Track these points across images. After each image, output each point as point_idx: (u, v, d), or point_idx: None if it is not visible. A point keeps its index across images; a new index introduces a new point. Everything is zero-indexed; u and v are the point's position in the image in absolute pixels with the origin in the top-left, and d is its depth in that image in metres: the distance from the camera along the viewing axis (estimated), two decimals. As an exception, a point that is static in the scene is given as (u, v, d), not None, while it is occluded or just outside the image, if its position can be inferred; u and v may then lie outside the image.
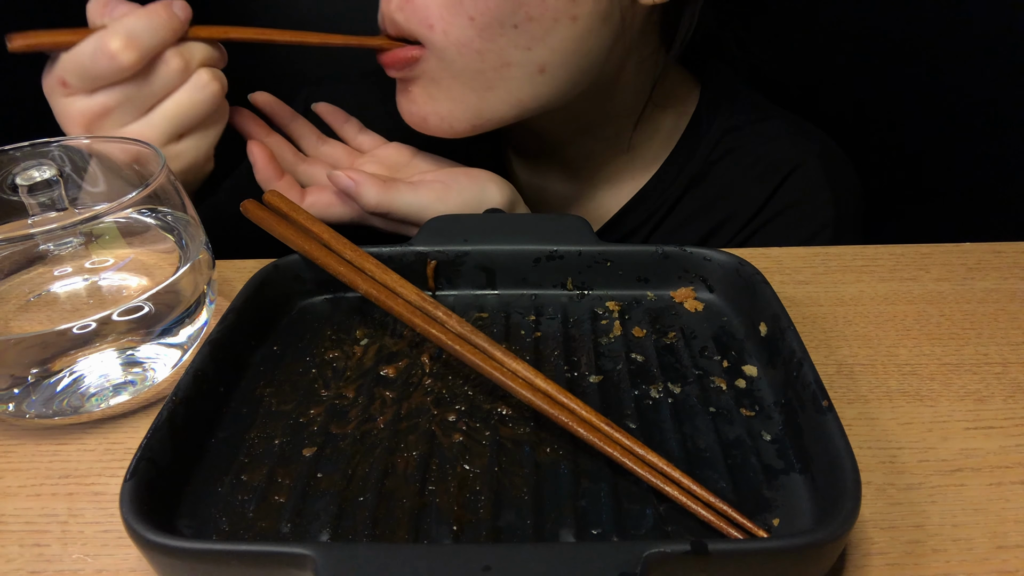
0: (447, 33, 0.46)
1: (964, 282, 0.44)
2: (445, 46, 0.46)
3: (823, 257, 0.47)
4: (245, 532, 0.28)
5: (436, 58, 0.47)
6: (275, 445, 0.32)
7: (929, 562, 0.28)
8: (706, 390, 0.35)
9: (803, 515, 0.28)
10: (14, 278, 0.36)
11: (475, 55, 0.46)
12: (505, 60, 0.47)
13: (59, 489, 0.32)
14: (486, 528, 0.28)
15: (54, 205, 0.37)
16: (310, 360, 0.37)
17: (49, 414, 0.34)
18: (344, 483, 0.30)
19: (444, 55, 0.47)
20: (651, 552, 0.24)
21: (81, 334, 0.33)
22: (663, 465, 0.29)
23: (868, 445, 0.33)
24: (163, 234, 0.38)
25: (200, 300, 0.37)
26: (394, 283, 0.37)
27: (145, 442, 0.28)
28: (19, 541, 0.29)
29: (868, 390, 0.36)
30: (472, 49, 0.46)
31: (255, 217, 0.42)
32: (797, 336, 0.34)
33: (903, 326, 0.41)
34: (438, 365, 0.37)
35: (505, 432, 0.33)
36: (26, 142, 0.38)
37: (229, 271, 0.47)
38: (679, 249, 0.41)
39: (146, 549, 0.25)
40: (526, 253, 0.41)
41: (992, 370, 0.37)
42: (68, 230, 0.33)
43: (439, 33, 0.46)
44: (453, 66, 0.47)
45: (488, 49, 0.46)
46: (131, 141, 0.38)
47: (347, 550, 0.25)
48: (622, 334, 0.39)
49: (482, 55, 0.47)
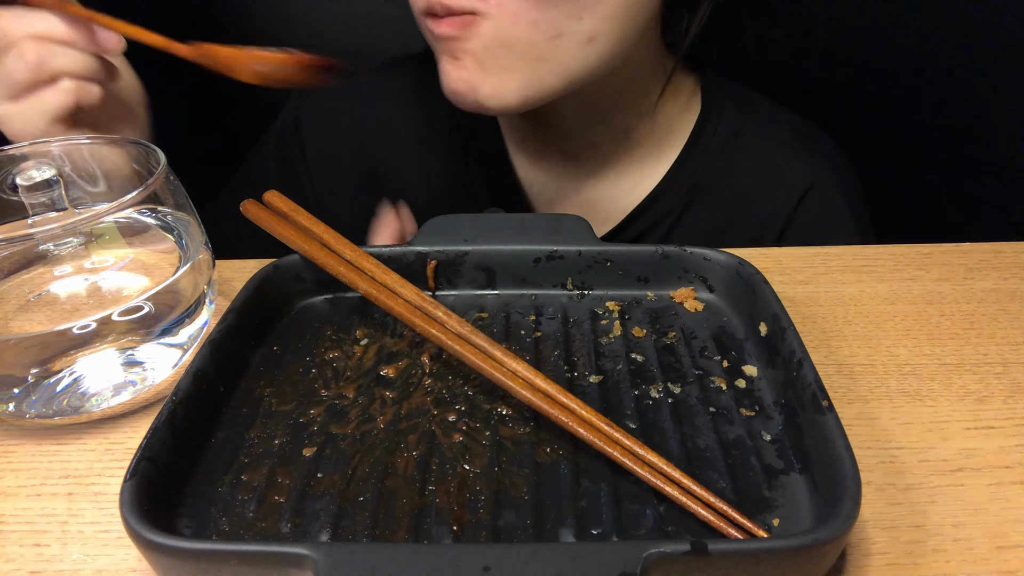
0: (502, 4, 0.46)
1: (964, 282, 0.44)
2: (500, 16, 0.46)
3: (823, 257, 0.47)
4: (245, 532, 0.28)
5: (490, 30, 0.47)
6: (275, 445, 0.32)
7: (929, 562, 0.28)
8: (706, 390, 0.35)
9: (803, 515, 0.28)
10: (14, 278, 0.36)
11: (529, 25, 0.46)
12: (558, 30, 0.47)
13: (59, 489, 0.32)
14: (486, 528, 0.28)
15: (54, 205, 0.37)
16: (310, 360, 0.37)
17: (49, 414, 0.34)
18: (344, 483, 0.30)
19: (499, 26, 0.46)
20: (651, 552, 0.24)
21: (81, 334, 0.33)
22: (663, 465, 0.29)
23: (868, 445, 0.33)
24: (163, 234, 0.38)
25: (200, 300, 0.37)
26: (394, 283, 0.37)
27: (145, 442, 0.28)
28: (19, 541, 0.29)
29: (868, 390, 0.36)
30: (527, 20, 0.46)
31: (255, 217, 0.42)
32: (797, 336, 0.34)
33: (903, 326, 0.41)
34: (438, 365, 0.37)
35: (505, 432, 0.33)
36: (26, 142, 0.38)
37: (229, 271, 0.47)
38: (679, 249, 0.41)
39: (146, 549, 0.25)
40: (526, 253, 0.41)
41: (992, 370, 0.37)
42: (68, 230, 0.33)
43: (494, 5, 0.46)
44: (507, 38, 0.47)
45: (542, 19, 0.46)
46: (132, 141, 0.38)
47: (347, 550, 0.25)
48: (622, 334, 0.39)
49: (536, 25, 0.46)
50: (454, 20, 0.47)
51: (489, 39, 0.47)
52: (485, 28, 0.47)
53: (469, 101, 0.50)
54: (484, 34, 0.47)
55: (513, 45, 0.47)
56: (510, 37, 0.47)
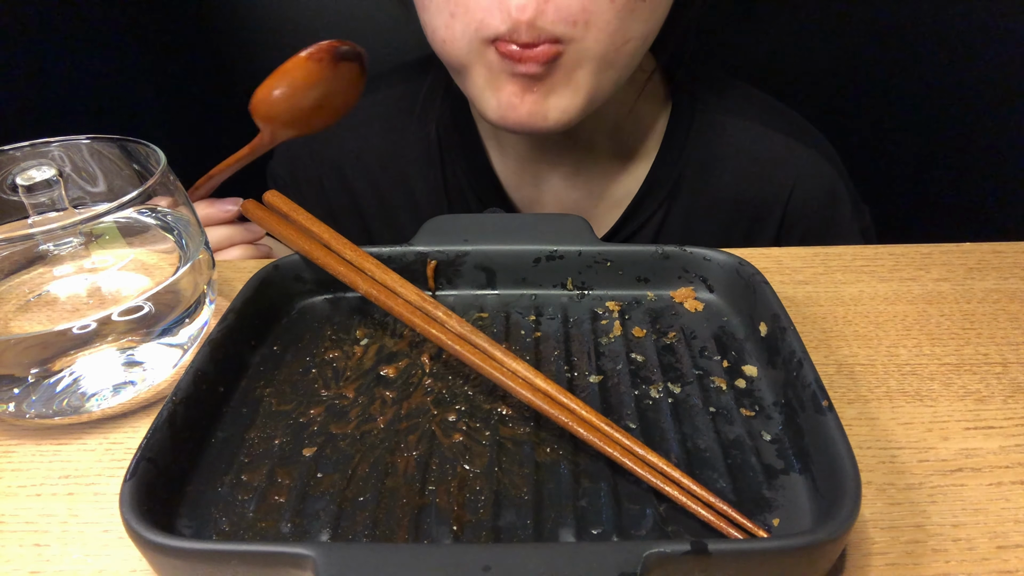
0: (589, 23, 0.44)
1: (964, 282, 0.44)
2: (585, 36, 0.45)
3: (823, 257, 0.47)
4: (245, 532, 0.28)
5: (574, 52, 0.46)
6: (275, 445, 0.32)
7: (929, 562, 0.28)
8: (706, 390, 0.35)
9: (803, 515, 0.28)
10: (14, 278, 0.36)
11: (609, 37, 0.45)
12: (628, 36, 0.46)
13: (59, 489, 0.32)
14: (486, 528, 0.28)
15: (54, 205, 0.37)
16: (310, 360, 0.37)
17: (49, 414, 0.34)
18: (344, 483, 0.30)
19: (582, 46, 0.45)
20: (651, 552, 0.24)
21: (81, 334, 0.33)
22: (663, 465, 0.29)
23: (868, 445, 0.33)
24: (163, 234, 0.38)
25: (200, 300, 0.37)
26: (394, 283, 0.37)
27: (145, 442, 0.28)
28: (19, 541, 0.29)
29: (868, 390, 0.36)
30: (608, 32, 0.45)
31: (255, 217, 0.42)
32: (797, 336, 0.34)
33: (903, 326, 0.41)
34: (438, 365, 0.37)
35: (505, 432, 0.33)
36: (26, 142, 0.38)
37: (229, 271, 0.47)
38: (679, 249, 0.41)
39: (146, 549, 0.25)
40: (526, 253, 0.41)
41: (992, 370, 0.37)
42: (68, 230, 0.33)
43: (581, 26, 0.44)
44: (588, 54, 0.46)
45: (620, 28, 0.45)
46: (132, 141, 0.38)
47: (347, 550, 0.25)
48: (622, 334, 0.39)
49: (614, 36, 0.45)
50: (539, 55, 0.45)
51: (571, 63, 0.46)
52: (569, 54, 0.45)
53: (528, 127, 0.48)
54: (565, 62, 0.46)
55: (590, 61, 0.46)
56: (590, 53, 0.46)
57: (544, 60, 0.45)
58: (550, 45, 0.45)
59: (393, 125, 0.65)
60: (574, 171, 0.61)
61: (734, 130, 0.60)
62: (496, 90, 0.48)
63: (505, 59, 0.46)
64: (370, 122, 0.65)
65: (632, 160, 0.61)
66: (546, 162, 0.61)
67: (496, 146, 0.63)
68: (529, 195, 0.63)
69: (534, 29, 0.44)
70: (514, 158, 0.62)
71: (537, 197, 0.63)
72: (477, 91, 0.49)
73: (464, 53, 0.48)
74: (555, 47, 0.45)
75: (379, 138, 0.65)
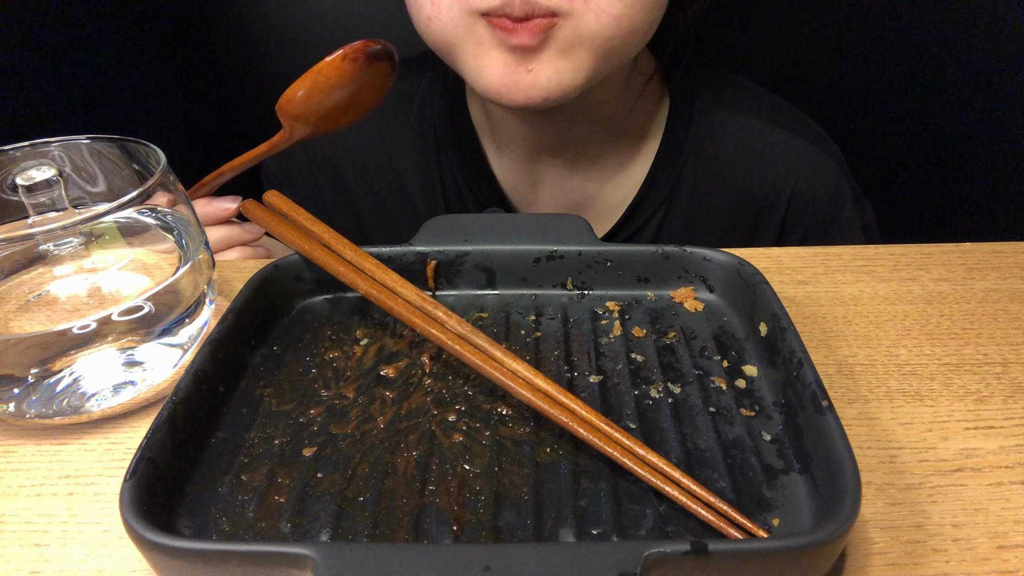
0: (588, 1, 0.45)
1: (964, 282, 0.44)
2: (584, 12, 0.45)
3: (823, 257, 0.47)
4: (245, 532, 0.28)
5: (570, 28, 0.45)
6: (275, 445, 0.32)
7: (929, 562, 0.28)
8: (706, 390, 0.35)
9: (803, 515, 0.28)
10: (14, 278, 0.36)
11: (612, 20, 0.46)
12: (634, 25, 0.47)
13: (59, 489, 0.32)
14: (486, 528, 0.28)
15: (54, 205, 0.37)
16: (310, 360, 0.37)
17: (49, 414, 0.34)
18: (344, 483, 0.30)
19: (581, 23, 0.45)
20: (651, 552, 0.24)
21: (81, 334, 0.33)
22: (663, 465, 0.29)
23: (868, 445, 0.33)
24: (163, 234, 0.38)
25: (200, 300, 0.37)
26: (394, 283, 0.37)
27: (145, 442, 0.28)
28: (19, 541, 0.29)
29: (868, 390, 0.36)
30: (611, 15, 0.45)
31: (255, 217, 0.42)
32: (797, 336, 0.34)
33: (903, 326, 0.41)
34: (438, 365, 0.37)
35: (505, 432, 0.33)
36: (26, 142, 0.38)
37: (229, 271, 0.47)
38: (679, 249, 0.41)
39: (146, 549, 0.25)
40: (526, 253, 0.41)
41: (992, 370, 0.37)
42: (68, 230, 0.33)
43: (580, 3, 0.45)
44: (587, 33, 0.46)
45: (625, 15, 0.46)
46: (132, 141, 0.38)
47: (347, 550, 0.25)
48: (622, 334, 0.39)
49: (619, 20, 0.46)
50: (534, 27, 0.45)
51: (567, 39, 0.46)
52: (564, 29, 0.46)
53: (523, 99, 0.48)
54: (562, 36, 0.46)
55: (591, 41, 0.46)
56: (589, 34, 0.46)
57: (538, 32, 0.45)
58: (544, 18, 0.45)
59: (389, 123, 0.65)
60: (572, 171, 0.61)
61: (733, 127, 0.60)
62: (489, 62, 0.47)
63: (497, 31, 0.46)
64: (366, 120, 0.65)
65: (631, 160, 0.61)
66: (544, 162, 0.61)
67: (493, 145, 0.63)
68: (527, 195, 0.63)
69: (527, 4, 0.44)
70: (511, 158, 0.62)
71: (535, 198, 0.63)
72: (468, 67, 0.49)
73: (451, 29, 0.47)
74: (549, 19, 0.45)
75: (375, 136, 0.65)
